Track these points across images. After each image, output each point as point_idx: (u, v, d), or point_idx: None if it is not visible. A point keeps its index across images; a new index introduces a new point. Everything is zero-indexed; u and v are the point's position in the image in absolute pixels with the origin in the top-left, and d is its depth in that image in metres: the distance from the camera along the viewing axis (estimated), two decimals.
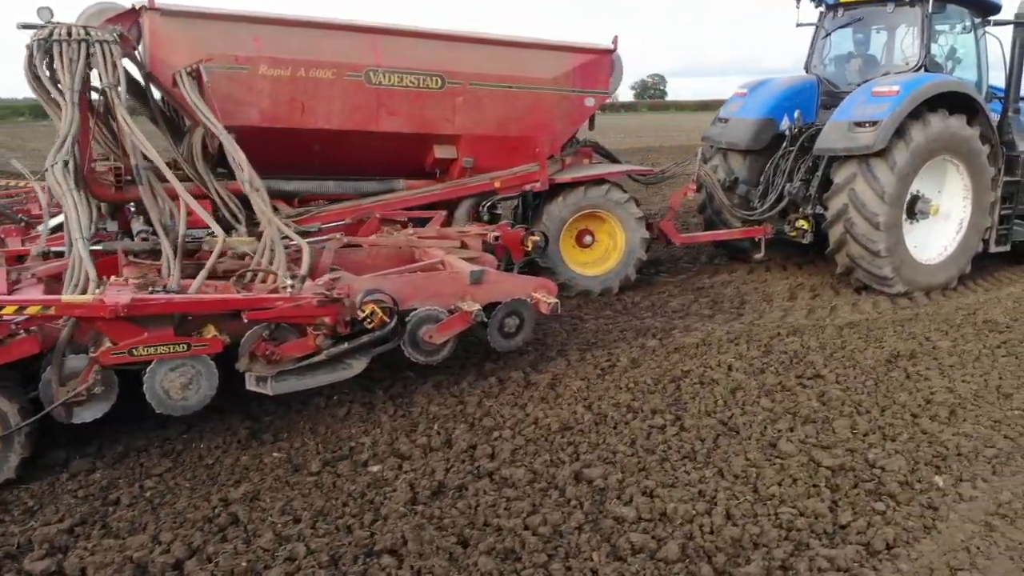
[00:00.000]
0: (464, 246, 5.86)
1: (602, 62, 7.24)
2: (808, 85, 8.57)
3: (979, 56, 8.24)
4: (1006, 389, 5.04)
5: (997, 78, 8.46)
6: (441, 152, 6.72)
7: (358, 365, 4.37)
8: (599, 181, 7.33)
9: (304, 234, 5.62)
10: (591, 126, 7.81)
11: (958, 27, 8.22)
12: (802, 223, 7.94)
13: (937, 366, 5.47)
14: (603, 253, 7.63)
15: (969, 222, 7.80)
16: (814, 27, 8.76)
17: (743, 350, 5.72)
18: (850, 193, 7.26)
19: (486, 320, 4.83)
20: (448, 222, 6.67)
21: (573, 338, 6.06)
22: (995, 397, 4.92)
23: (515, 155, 6.98)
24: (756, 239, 8.24)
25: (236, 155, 5.12)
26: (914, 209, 7.62)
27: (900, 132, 7.12)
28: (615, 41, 7.26)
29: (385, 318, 4.33)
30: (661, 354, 5.65)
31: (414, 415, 4.58)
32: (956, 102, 7.47)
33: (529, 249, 6.50)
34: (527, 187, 7.09)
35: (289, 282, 4.09)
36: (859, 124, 7.18)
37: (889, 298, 7.49)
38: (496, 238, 6.21)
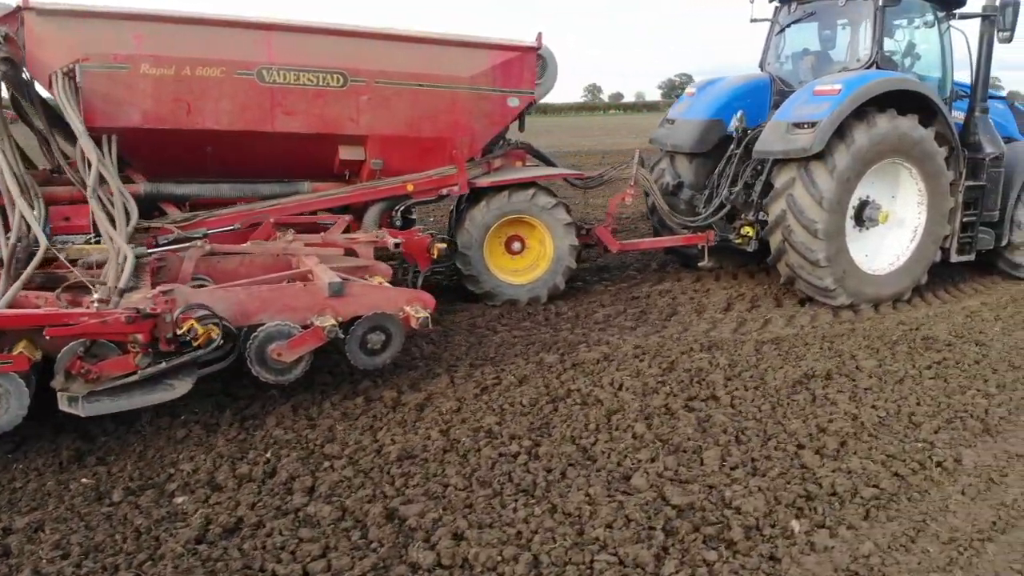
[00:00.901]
0: (352, 254, 5.53)
1: (526, 60, 6.86)
2: (761, 84, 8.11)
3: (943, 52, 7.72)
4: (918, 417, 4.59)
5: (968, 75, 7.96)
6: (347, 153, 6.40)
7: (181, 386, 4.05)
8: (525, 185, 6.96)
9: (182, 241, 5.39)
10: (521, 127, 7.44)
11: (919, 21, 7.72)
12: (747, 230, 7.50)
13: (851, 389, 5.03)
14: (534, 260, 7.24)
15: (924, 230, 7.29)
16: (769, 23, 8.32)
17: (644, 367, 5.32)
18: (788, 199, 6.81)
19: (343, 336, 4.49)
20: (358, 227, 6.37)
21: (471, 352, 5.70)
22: (902, 426, 4.47)
23: (430, 157, 6.63)
24: (700, 246, 7.81)
25: (89, 155, 4.85)
26: (862, 216, 7.15)
27: (842, 134, 6.66)
28: (539, 38, 6.88)
29: (211, 334, 4.01)
30: (555, 371, 5.27)
31: (255, 439, 4.26)
32: (912, 102, 6.99)
33: (435, 256, 6.15)
34: (444, 191, 6.74)
35: (96, 296, 3.79)
36: (798, 125, 6.73)
37: (832, 310, 7.03)
38: (397, 245, 5.88)
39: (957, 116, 7.89)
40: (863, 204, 7.15)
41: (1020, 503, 3.65)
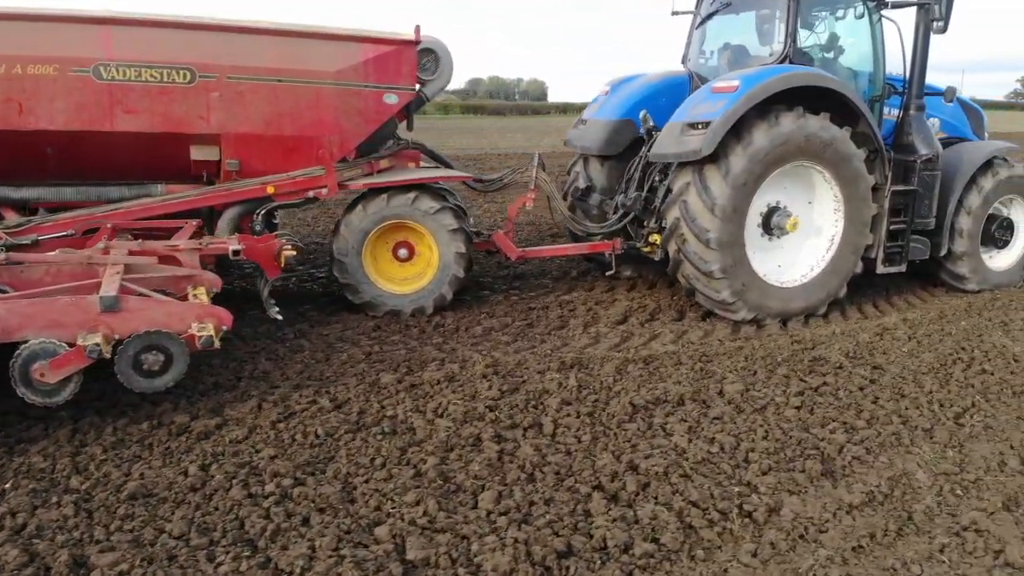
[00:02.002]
0: (173, 262, 5.14)
1: (404, 54, 6.41)
2: (678, 81, 7.57)
3: (875, 45, 7.10)
4: (755, 455, 4.06)
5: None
6: (200, 154, 6.02)
7: None
8: (406, 188, 6.51)
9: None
10: (409, 126, 7.00)
11: (846, 12, 7.12)
12: (655, 238, 6.96)
13: (697, 418, 4.51)
14: (423, 268, 6.80)
15: (841, 239, 6.70)
16: (692, 16, 7.77)
17: (484, 388, 4.84)
18: (682, 206, 6.29)
19: (108, 356, 4.09)
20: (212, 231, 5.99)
21: (305, 372, 5.24)
22: (730, 465, 3.95)
23: (295, 157, 6.22)
24: (608, 255, 7.29)
25: None
26: (770, 223, 6.59)
27: (739, 134, 6.12)
28: (417, 31, 6.43)
29: None
30: (384, 394, 4.81)
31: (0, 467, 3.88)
32: (836, 100, 6.41)
33: (283, 264, 5.74)
34: (311, 193, 6.32)
35: None
36: (692, 126, 6.21)
37: (733, 325, 6.49)
38: (236, 252, 5.48)
39: (895, 115, 7.30)
40: (772, 211, 6.59)
41: (818, 573, 3.12)
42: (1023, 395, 4.97)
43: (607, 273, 7.43)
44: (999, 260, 7.86)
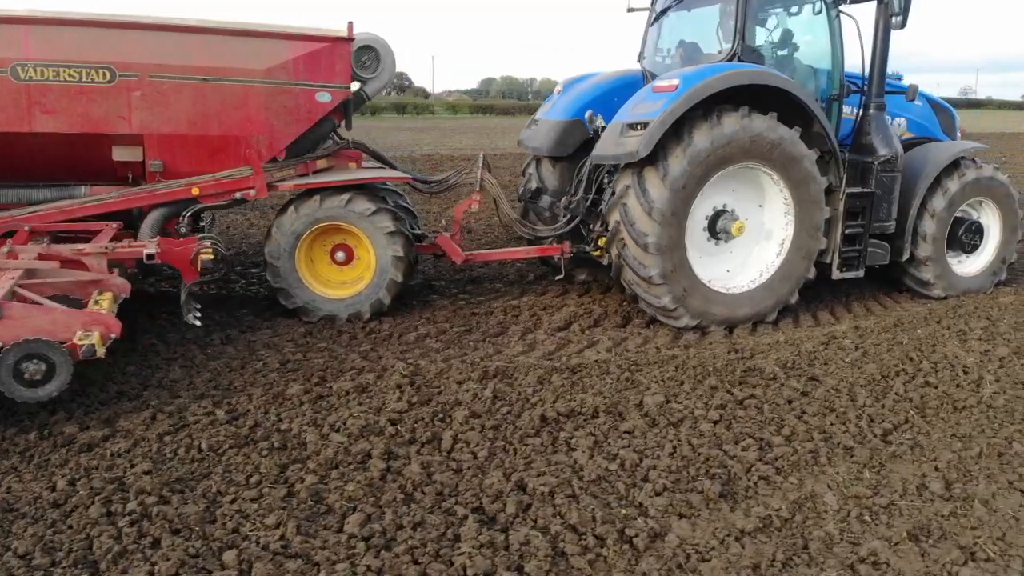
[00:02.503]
0: (79, 267, 4.99)
1: (337, 52, 6.24)
2: (631, 80, 7.34)
3: (833, 42, 6.84)
4: (656, 473, 3.84)
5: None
6: (122, 155, 5.87)
7: None
8: (339, 189, 6.33)
9: None
10: (348, 125, 6.82)
11: (800, 8, 6.86)
12: (603, 241, 6.73)
13: (606, 432, 4.29)
14: (362, 272, 6.61)
15: (792, 243, 6.45)
16: (648, 12, 7.54)
17: (393, 400, 4.64)
18: (621, 209, 6.07)
19: None
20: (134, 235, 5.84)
21: (215, 380, 5.04)
22: (624, 484, 3.73)
23: (221, 158, 6.06)
24: (557, 259, 7.08)
25: None
26: (715, 227, 6.36)
27: (679, 135, 5.89)
28: (350, 28, 6.25)
29: None
30: (287, 406, 4.61)
31: None
32: (785, 99, 6.16)
33: (200, 269, 5.57)
34: (238, 195, 6.15)
35: None
36: (632, 127, 5.98)
37: (676, 332, 6.26)
38: (150, 256, 5.32)
39: (854, 114, 7.05)
40: (718, 214, 6.35)
41: None
42: (964, 410, 4.72)
43: (556, 278, 7.21)
44: (968, 265, 7.58)
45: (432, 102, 72.71)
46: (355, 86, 6.70)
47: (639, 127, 5.89)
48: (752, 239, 6.56)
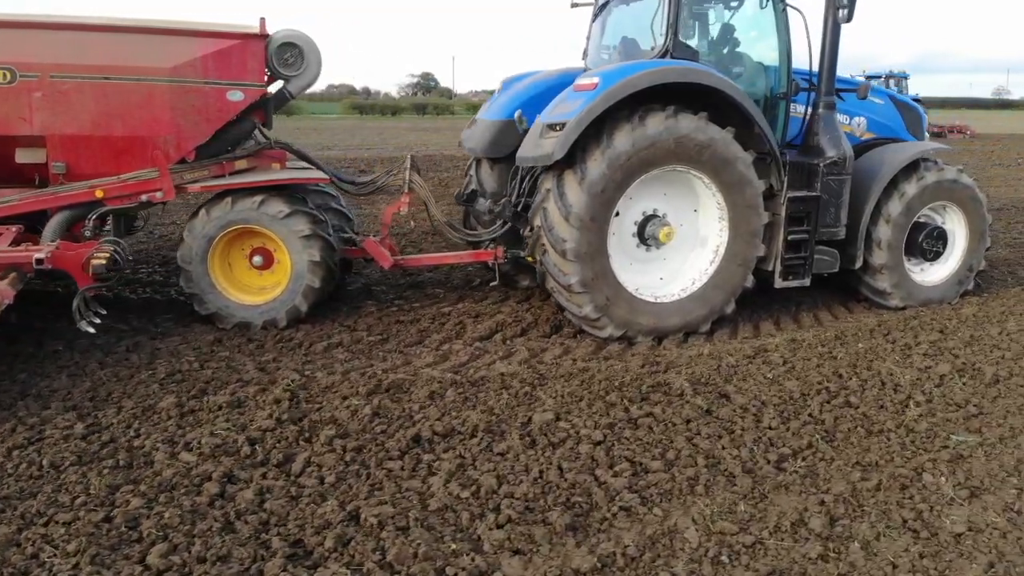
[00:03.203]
0: None
1: (249, 49, 6.03)
2: (571, 79, 6.97)
3: (780, 37, 6.47)
4: (509, 501, 3.55)
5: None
6: (25, 156, 5.71)
7: None
8: (251, 191, 6.11)
9: None
10: (268, 124, 6.59)
11: (741, 2, 6.50)
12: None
13: (476, 454, 4.01)
14: (281, 277, 6.36)
15: (726, 250, 6.10)
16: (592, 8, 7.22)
17: (263, 417, 4.39)
18: (542, 213, 5.77)
19: None
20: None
21: (97, 391, 4.84)
22: (471, 514, 3.44)
23: (127, 159, 5.87)
24: (491, 263, 6.79)
25: None
26: (644, 233, 6.03)
27: (599, 137, 5.58)
28: (263, 24, 6.03)
29: None
30: (154, 420, 4.40)
31: None
32: (721, 99, 5.83)
33: (91, 274, 5.37)
34: (144, 197, 5.95)
35: None
36: (551, 127, 5.69)
37: (600, 343, 5.95)
38: (39, 261, 5.14)
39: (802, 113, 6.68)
40: (647, 219, 6.03)
41: None
42: (878, 435, 4.36)
43: (491, 284, 6.93)
44: (931, 274, 7.15)
45: (455, 102, 72.71)
46: (278, 84, 6.51)
47: (558, 128, 5.59)
48: (687, 246, 6.22)
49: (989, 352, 5.69)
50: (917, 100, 35.16)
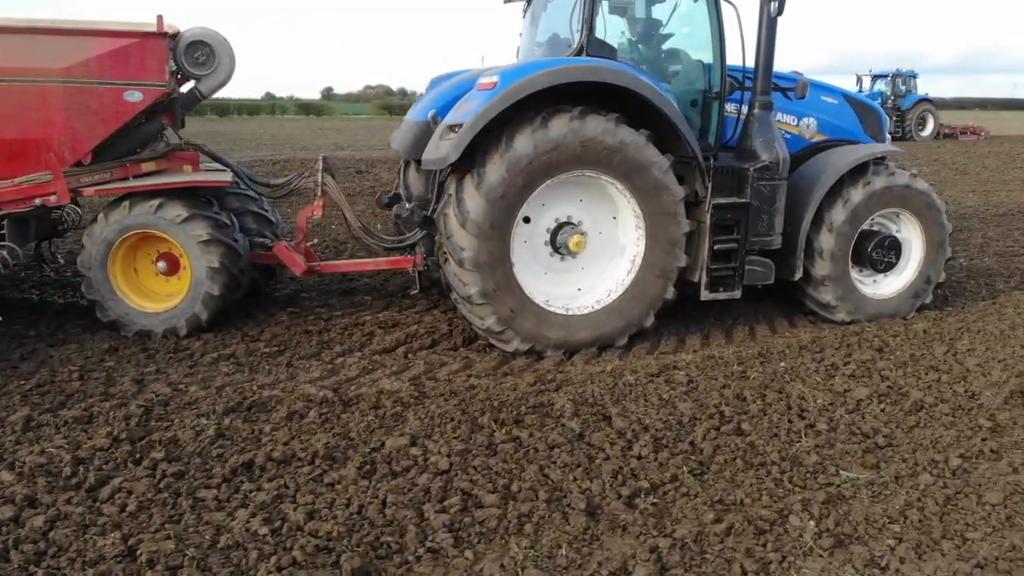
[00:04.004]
0: None
1: (148, 48, 5.82)
2: None
3: (713, 33, 6.06)
4: (305, 541, 3.25)
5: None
6: None
7: None
8: (149, 195, 5.90)
9: None
10: (181, 124, 6.39)
11: None
12: None
13: (299, 484, 3.70)
14: (185, 284, 6.15)
15: (643, 260, 5.73)
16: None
17: (102, 436, 4.13)
18: (443, 220, 5.47)
19: None
20: None
21: None
22: (259, 554, 3.15)
23: (20, 162, 5.69)
24: (411, 270, 6.50)
25: None
26: (556, 242, 5.69)
27: (501, 139, 5.25)
28: (160, 22, 5.81)
29: None
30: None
31: None
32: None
33: None
34: (38, 201, 5.78)
35: None
36: (452, 128, 5.37)
37: (505, 356, 5.62)
38: None
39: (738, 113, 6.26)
40: (560, 227, 5.68)
41: None
42: (758, 468, 3.95)
43: (412, 292, 6.64)
44: (884, 286, 6.68)
45: None
46: (189, 84, 6.32)
47: (456, 129, 5.27)
48: (607, 255, 5.86)
49: (924, 375, 5.23)
50: (926, 100, 34.06)
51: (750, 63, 6.07)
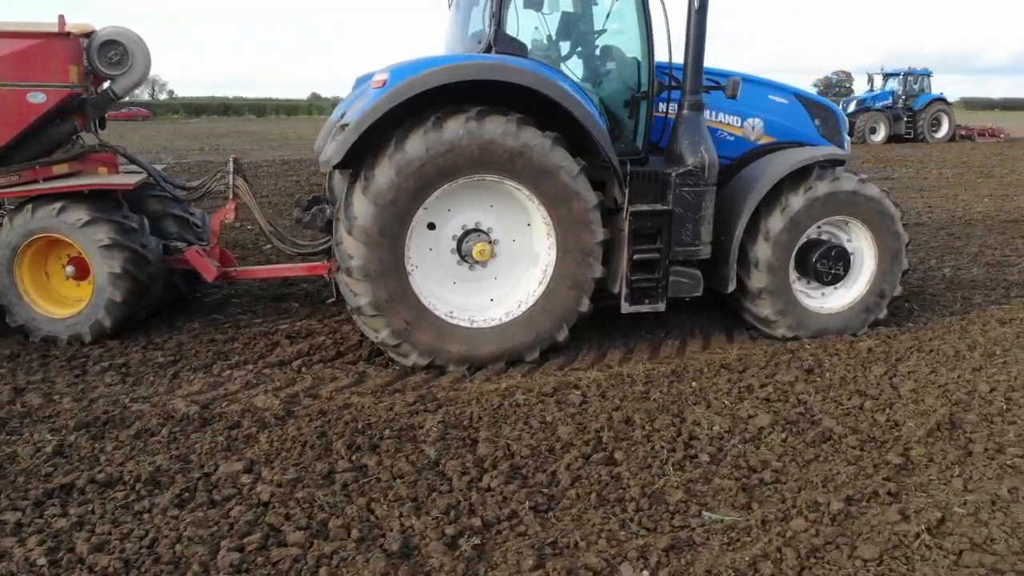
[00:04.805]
0: None
1: (51, 48, 5.67)
2: None
3: (640, 28, 5.67)
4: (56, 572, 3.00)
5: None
6: None
7: None
8: (51, 198, 5.75)
9: None
10: (102, 125, 6.25)
11: None
12: None
13: (99, 510, 3.46)
14: (92, 289, 5.99)
15: (554, 270, 5.37)
16: None
17: None
18: (336, 225, 5.19)
19: None
20: None
21: None
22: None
23: None
24: (327, 276, 6.24)
25: None
26: (463, 250, 5.37)
27: (393, 140, 4.95)
28: (61, 21, 5.66)
29: None
30: None
31: None
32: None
33: None
34: None
35: None
36: (344, 128, 5.09)
37: (403, 371, 5.32)
38: None
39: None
40: (467, 234, 5.36)
41: None
42: (611, 505, 3.58)
43: (328, 300, 6.38)
44: (833, 300, 6.20)
45: None
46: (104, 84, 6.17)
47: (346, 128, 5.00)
48: (521, 264, 5.52)
49: (846, 400, 4.78)
50: (940, 100, 32.48)
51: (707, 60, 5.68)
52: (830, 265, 5.98)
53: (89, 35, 6.08)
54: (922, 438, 4.26)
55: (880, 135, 29.50)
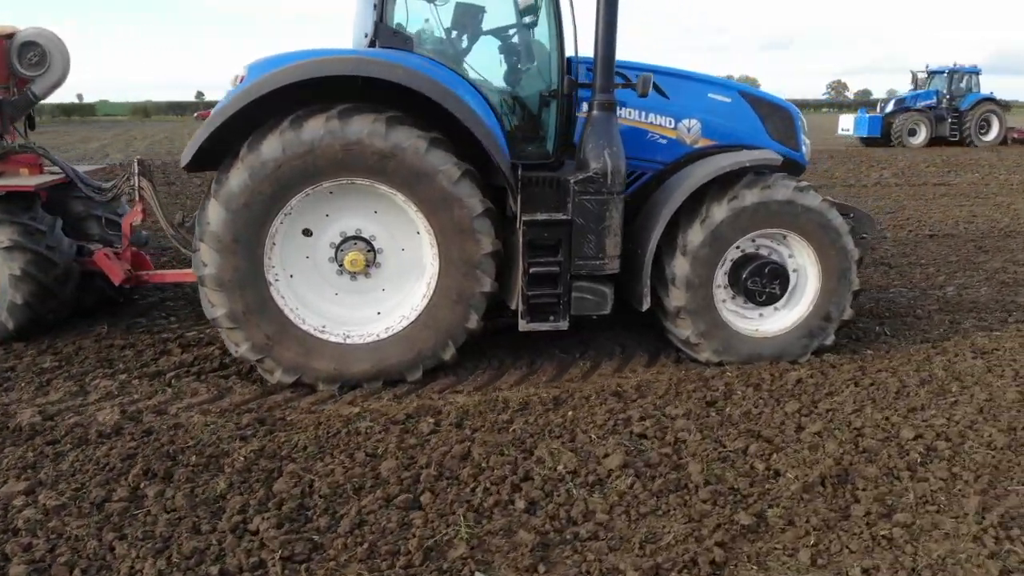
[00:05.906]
0: None
1: None
2: None
3: (550, 22, 5.18)
4: None
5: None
6: None
7: None
8: None
9: None
10: (4, 127, 6.19)
11: None
12: None
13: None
14: None
15: (437, 284, 4.95)
16: None
17: None
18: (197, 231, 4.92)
19: None
20: None
21: None
22: None
23: None
24: None
25: None
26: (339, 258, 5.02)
27: (247, 142, 4.64)
28: None
29: None
30: None
31: None
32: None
33: None
34: None
35: None
36: None
37: (272, 390, 5.00)
38: None
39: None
40: (345, 242, 5.00)
41: None
42: (383, 559, 3.14)
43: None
44: (771, 322, 5.53)
45: None
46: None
47: None
48: (411, 276, 5.12)
49: (730, 442, 4.17)
50: (990, 100, 29.70)
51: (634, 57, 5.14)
52: (763, 283, 5.32)
53: (10, 36, 6.05)
54: (795, 493, 3.65)
55: (920, 137, 27.17)
